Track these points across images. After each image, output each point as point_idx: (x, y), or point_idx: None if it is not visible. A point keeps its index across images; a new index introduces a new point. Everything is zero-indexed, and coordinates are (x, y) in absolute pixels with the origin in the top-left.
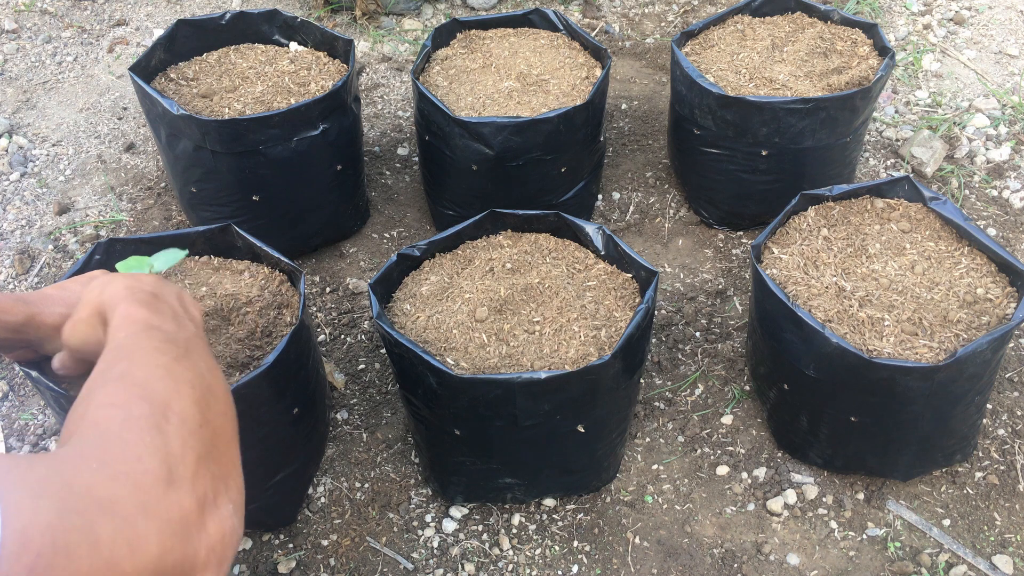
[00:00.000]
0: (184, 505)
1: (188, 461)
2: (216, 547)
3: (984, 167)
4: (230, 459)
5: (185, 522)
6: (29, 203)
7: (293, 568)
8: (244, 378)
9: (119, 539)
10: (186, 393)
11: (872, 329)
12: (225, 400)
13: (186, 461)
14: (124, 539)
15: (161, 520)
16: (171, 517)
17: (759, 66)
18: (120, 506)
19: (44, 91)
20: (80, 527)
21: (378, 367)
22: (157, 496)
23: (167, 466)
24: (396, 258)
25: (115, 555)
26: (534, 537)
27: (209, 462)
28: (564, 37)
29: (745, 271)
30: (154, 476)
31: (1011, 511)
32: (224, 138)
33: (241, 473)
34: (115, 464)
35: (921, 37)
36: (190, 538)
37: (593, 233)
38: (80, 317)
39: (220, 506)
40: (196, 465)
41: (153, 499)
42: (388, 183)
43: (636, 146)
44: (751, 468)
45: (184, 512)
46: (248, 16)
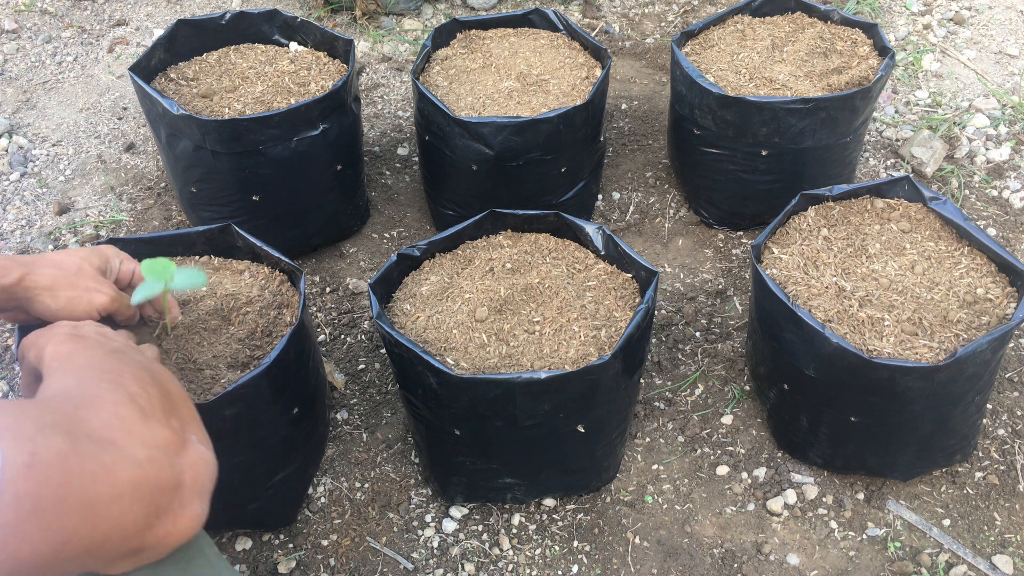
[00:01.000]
0: (164, 435)
1: (154, 404)
2: (199, 474)
3: (984, 167)
4: (188, 412)
5: (167, 446)
6: (29, 203)
7: (293, 568)
8: (244, 378)
9: (104, 452)
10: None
11: (872, 329)
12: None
13: (152, 404)
14: (109, 453)
15: (143, 441)
16: (154, 441)
17: (759, 66)
18: (102, 431)
19: (44, 91)
20: (63, 437)
21: (378, 367)
22: (140, 426)
23: (140, 407)
24: (396, 258)
25: (104, 461)
26: (534, 537)
27: (171, 409)
28: (564, 37)
29: (745, 271)
30: (134, 413)
31: (1011, 511)
32: (224, 138)
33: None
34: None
35: (921, 37)
36: (173, 459)
37: (593, 233)
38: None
39: (192, 440)
40: (164, 411)
41: (137, 428)
42: (388, 183)
43: (636, 146)
44: (751, 468)
45: (165, 439)
46: (248, 16)
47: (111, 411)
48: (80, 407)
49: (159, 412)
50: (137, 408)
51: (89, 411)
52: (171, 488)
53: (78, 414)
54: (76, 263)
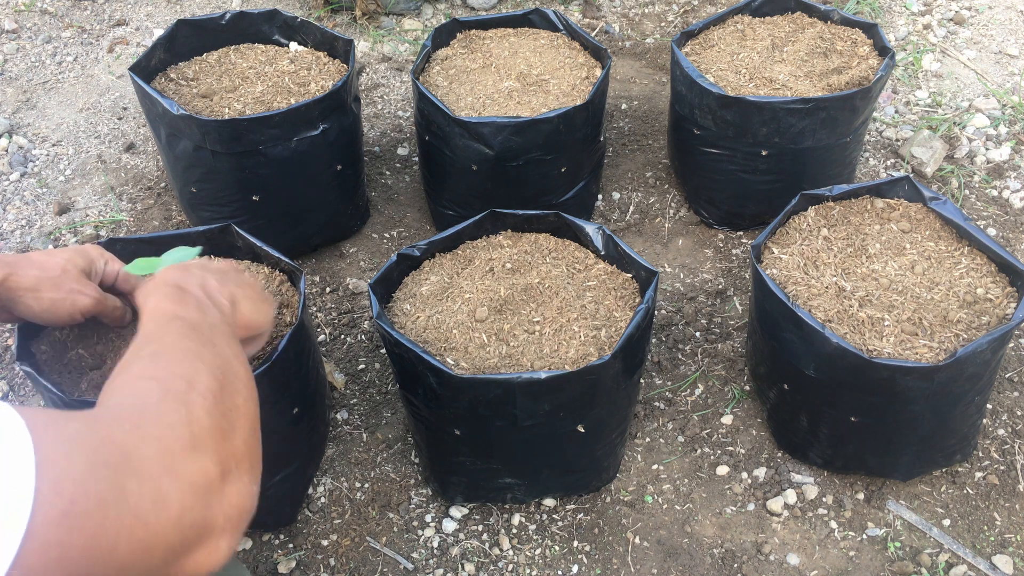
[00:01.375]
0: (207, 471)
1: (212, 433)
2: (233, 515)
3: (984, 167)
4: (250, 438)
5: (207, 487)
6: (29, 203)
7: (293, 568)
8: None
9: (145, 495)
10: (210, 374)
11: (872, 329)
12: (247, 385)
13: (211, 432)
14: (149, 495)
15: (184, 482)
16: (194, 480)
17: (759, 66)
18: (147, 465)
19: (44, 91)
20: (109, 480)
21: (378, 367)
22: (182, 460)
23: (193, 434)
24: (396, 258)
25: (140, 508)
26: (534, 537)
27: (231, 437)
28: (564, 37)
29: (745, 271)
30: (182, 443)
31: (1011, 511)
32: (224, 138)
33: (260, 455)
34: (147, 428)
35: (921, 37)
36: (210, 503)
37: (593, 233)
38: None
39: (240, 478)
40: (219, 438)
41: (178, 463)
42: (388, 183)
43: (636, 146)
44: (751, 468)
45: (207, 478)
46: (248, 16)
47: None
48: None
49: (214, 441)
50: (188, 436)
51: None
52: (202, 531)
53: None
54: (60, 264)
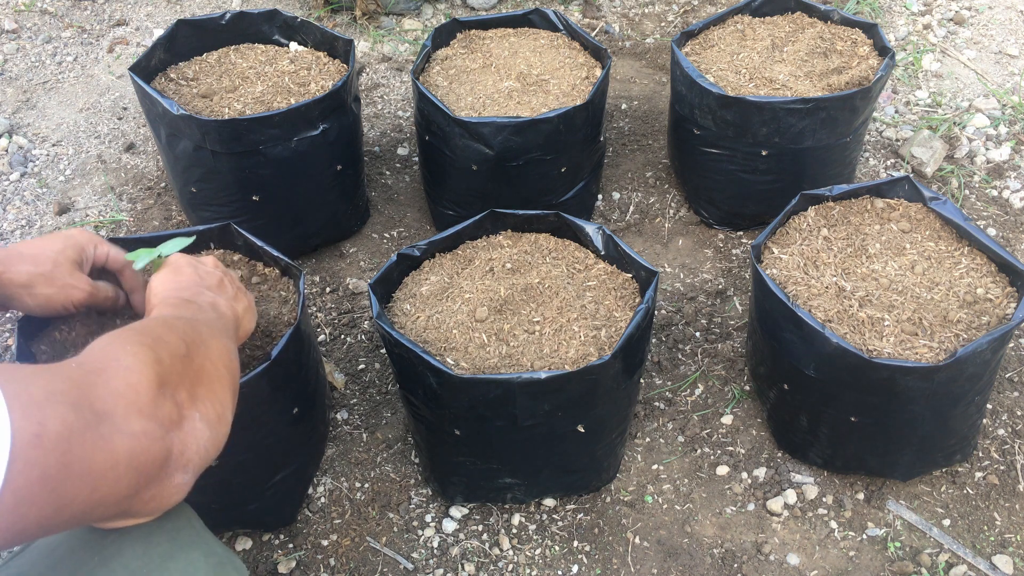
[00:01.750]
0: (165, 408)
1: (172, 375)
2: (186, 444)
3: (984, 167)
4: (208, 389)
5: (165, 421)
6: (29, 203)
7: (293, 568)
8: (243, 378)
9: (107, 419)
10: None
11: (872, 329)
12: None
13: (170, 375)
14: (113, 421)
15: (147, 418)
16: (156, 416)
17: (759, 66)
18: (109, 395)
19: (44, 91)
20: (70, 404)
21: (378, 367)
22: (145, 401)
23: (156, 374)
24: (396, 258)
25: (104, 432)
26: (534, 537)
27: (188, 383)
28: (564, 37)
29: (745, 271)
30: (143, 386)
31: (1011, 511)
32: (224, 138)
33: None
34: (111, 365)
35: (921, 37)
36: (165, 435)
37: (593, 233)
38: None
39: (192, 417)
40: (177, 380)
41: (141, 403)
42: (388, 183)
43: (636, 146)
44: (751, 468)
45: (166, 413)
46: (248, 16)
47: (122, 380)
48: (92, 373)
49: (173, 384)
50: (153, 376)
51: (100, 378)
52: (160, 460)
53: (88, 380)
54: (52, 258)
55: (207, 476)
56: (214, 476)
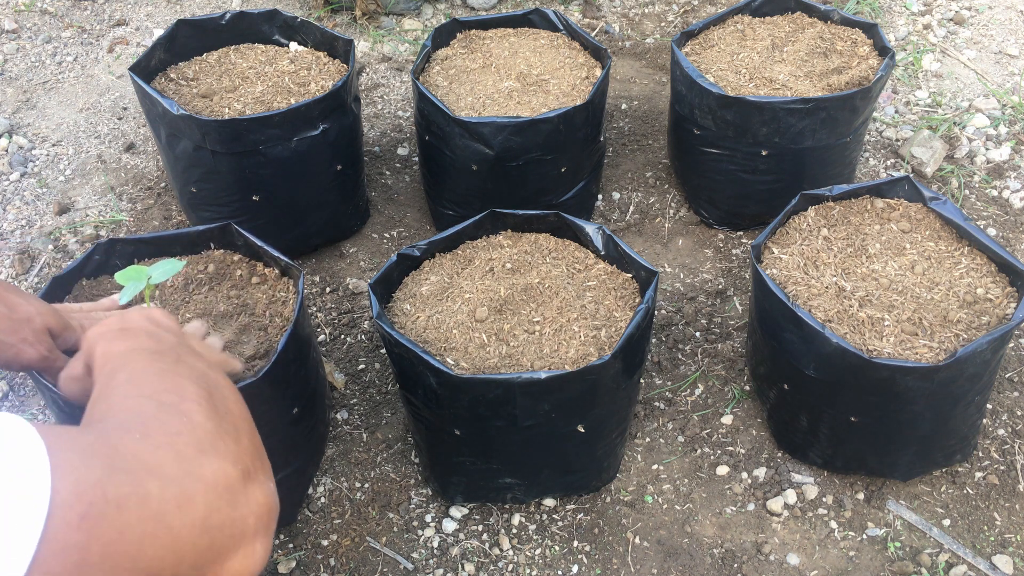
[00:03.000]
0: (227, 471)
1: (219, 435)
2: (263, 514)
3: (984, 167)
4: (254, 439)
5: (230, 487)
6: (29, 203)
7: (293, 568)
8: (243, 380)
9: (167, 495)
10: (195, 384)
11: (872, 329)
12: (232, 390)
13: (218, 435)
14: (171, 496)
15: (206, 483)
16: (216, 481)
17: (759, 66)
18: (166, 469)
19: (44, 91)
20: (129, 483)
21: (378, 367)
22: (199, 462)
23: (200, 438)
24: (396, 258)
25: (163, 509)
26: (534, 537)
27: (238, 439)
28: (564, 37)
29: (745, 271)
30: (194, 447)
31: (1011, 511)
32: (224, 138)
33: (266, 455)
34: (157, 436)
35: (921, 37)
36: (236, 503)
37: (593, 233)
38: (71, 374)
39: (258, 477)
40: (227, 440)
41: (196, 465)
42: (388, 183)
43: (636, 146)
44: (751, 468)
45: (228, 478)
46: (248, 16)
47: (169, 446)
48: (141, 440)
49: (219, 440)
50: (196, 440)
51: (146, 445)
52: (233, 533)
53: (139, 449)
54: (30, 314)
55: None
56: None
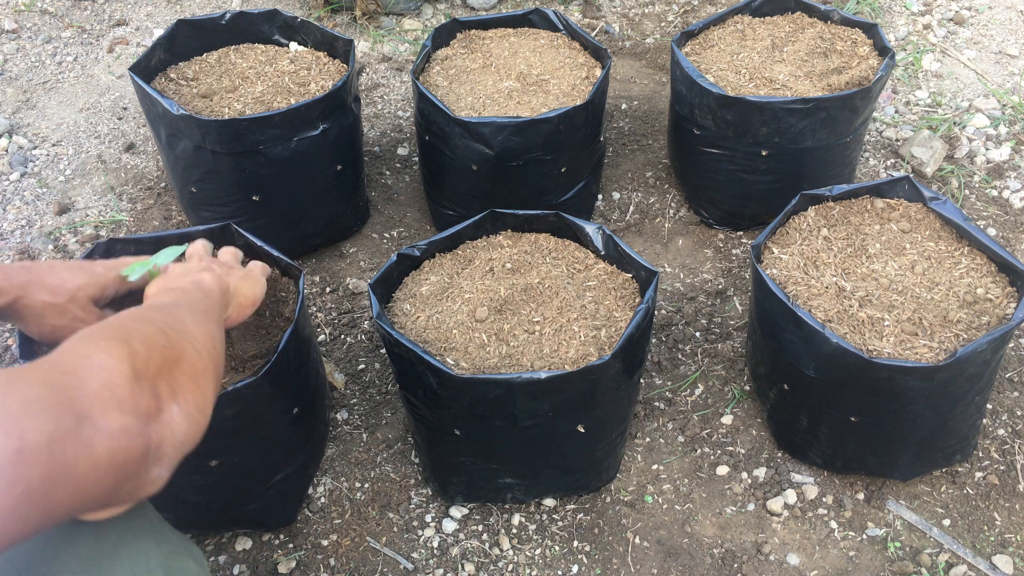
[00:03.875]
0: (143, 401)
1: (150, 367)
2: (163, 437)
3: (984, 167)
4: (193, 380)
5: (144, 414)
6: (29, 203)
7: (293, 568)
8: (243, 380)
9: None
10: (156, 328)
11: (872, 329)
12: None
13: (148, 366)
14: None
15: (127, 413)
16: (136, 410)
17: (759, 66)
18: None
19: (44, 91)
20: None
21: (378, 367)
22: (123, 396)
23: (132, 370)
24: (396, 258)
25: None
26: (534, 537)
27: (166, 373)
28: (564, 37)
29: (745, 271)
30: (121, 381)
31: (1011, 511)
32: (224, 138)
33: (207, 396)
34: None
35: (921, 37)
36: (144, 428)
37: (593, 233)
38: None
39: (171, 409)
40: (156, 371)
41: (119, 399)
42: (388, 183)
43: (636, 146)
44: (751, 468)
45: (145, 407)
46: (248, 16)
47: (97, 379)
48: (66, 373)
49: (151, 376)
50: (128, 370)
51: (75, 379)
52: (138, 456)
53: (63, 382)
54: (71, 291)
55: (207, 476)
56: (214, 476)
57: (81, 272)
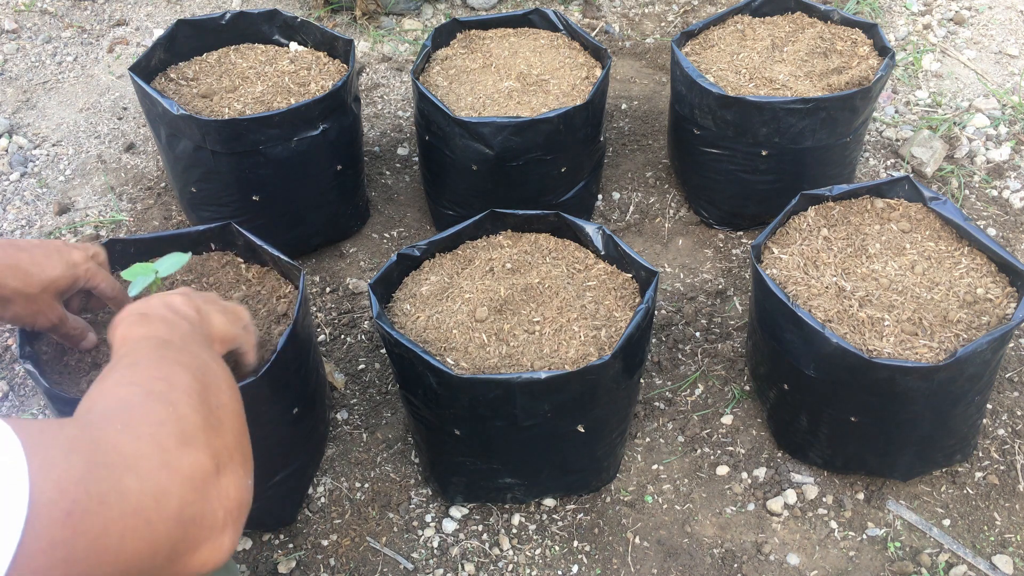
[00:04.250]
0: (202, 464)
1: (201, 427)
2: (232, 507)
3: (984, 167)
4: (240, 434)
5: (204, 479)
6: (29, 203)
7: (293, 568)
8: (243, 380)
9: (145, 491)
10: (190, 375)
11: (872, 329)
12: (230, 384)
13: (200, 427)
14: (149, 491)
15: (181, 475)
16: (191, 474)
17: (759, 66)
18: (144, 462)
19: (44, 91)
20: (109, 479)
21: (378, 367)
22: (177, 454)
23: (182, 430)
24: (396, 258)
25: (141, 505)
26: (534, 537)
27: (221, 432)
28: (564, 37)
29: (745, 271)
30: (174, 437)
31: (1011, 511)
32: (224, 138)
33: (250, 451)
34: (138, 426)
35: (921, 37)
36: (208, 495)
37: (593, 233)
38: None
39: (235, 471)
40: (209, 432)
41: (173, 457)
42: (388, 183)
43: (636, 146)
44: (751, 468)
45: (203, 470)
46: (248, 16)
47: (150, 437)
48: (123, 430)
49: (201, 432)
50: (178, 431)
51: (127, 436)
52: (202, 523)
53: (119, 441)
54: (43, 282)
55: None
56: None
57: (59, 259)
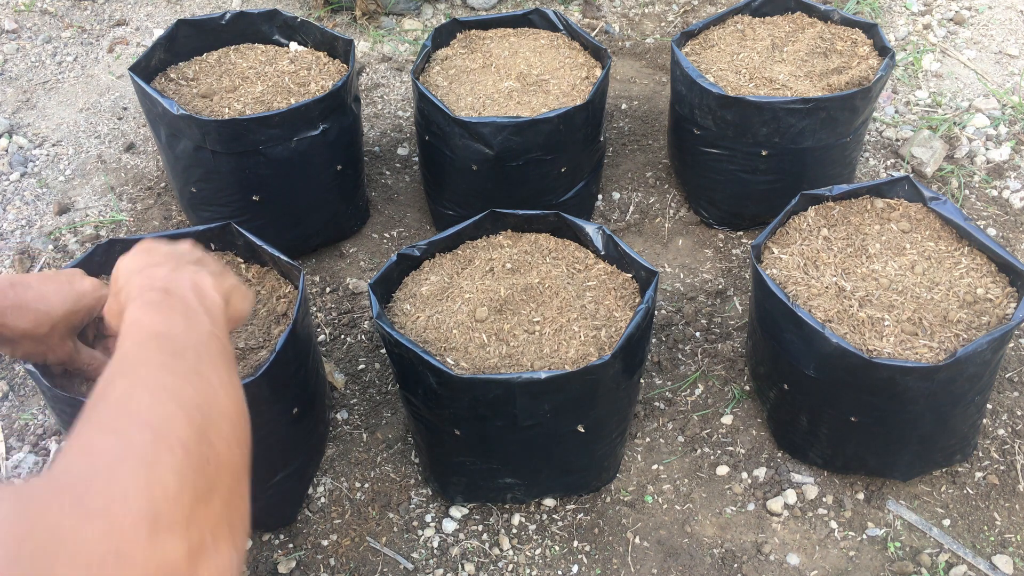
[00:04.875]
0: (171, 554)
1: (184, 502)
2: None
3: (984, 167)
4: (237, 494)
5: (175, 570)
6: (29, 203)
7: (293, 568)
8: (243, 380)
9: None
10: (186, 419)
11: (872, 329)
12: (234, 423)
13: (181, 502)
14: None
15: (137, 570)
16: (154, 569)
17: (759, 66)
18: (88, 549)
19: (44, 91)
20: (37, 574)
21: (378, 367)
22: (136, 542)
23: (153, 508)
24: (396, 258)
25: None
26: (534, 537)
27: (211, 501)
28: (564, 37)
29: (745, 271)
30: (136, 518)
31: (1011, 511)
32: (224, 138)
33: (246, 511)
34: (93, 501)
35: (921, 37)
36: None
37: (593, 233)
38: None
39: (220, 551)
40: (193, 506)
41: (129, 546)
42: (388, 183)
43: (636, 146)
44: (751, 468)
45: (171, 563)
46: (248, 16)
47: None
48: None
49: (186, 512)
50: (148, 510)
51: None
52: None
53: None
54: (52, 321)
55: None
56: None
57: (70, 291)
